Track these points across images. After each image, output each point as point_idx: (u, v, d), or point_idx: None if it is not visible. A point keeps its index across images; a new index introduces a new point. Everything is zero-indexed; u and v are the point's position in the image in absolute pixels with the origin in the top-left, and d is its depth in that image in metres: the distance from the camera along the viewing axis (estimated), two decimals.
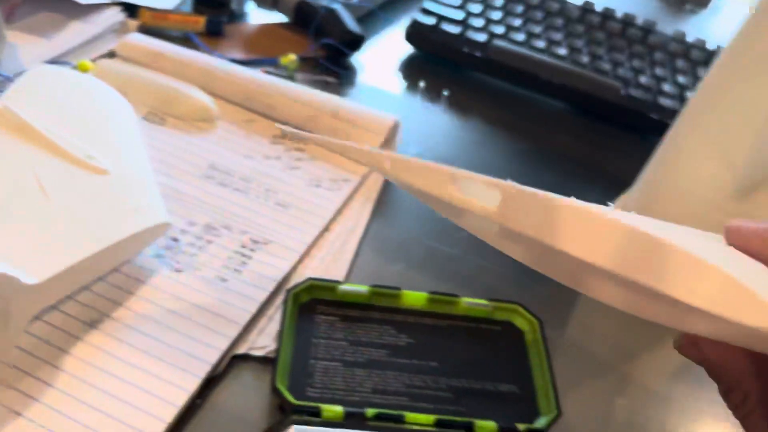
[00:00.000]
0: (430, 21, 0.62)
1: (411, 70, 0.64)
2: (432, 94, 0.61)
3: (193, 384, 0.34)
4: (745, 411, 0.24)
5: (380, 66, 0.63)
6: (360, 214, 0.46)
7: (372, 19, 0.68)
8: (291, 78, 0.57)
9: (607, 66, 0.60)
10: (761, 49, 0.37)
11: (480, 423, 0.34)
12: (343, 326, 0.38)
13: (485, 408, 0.36)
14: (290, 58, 0.58)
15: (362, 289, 0.39)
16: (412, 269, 0.43)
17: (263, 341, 0.37)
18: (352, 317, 0.39)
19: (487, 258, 0.45)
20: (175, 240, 0.41)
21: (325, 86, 0.57)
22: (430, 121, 0.58)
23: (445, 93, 0.61)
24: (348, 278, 0.42)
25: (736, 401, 0.24)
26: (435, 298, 0.40)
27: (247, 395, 0.35)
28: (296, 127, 0.50)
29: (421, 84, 0.62)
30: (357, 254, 0.43)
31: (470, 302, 0.40)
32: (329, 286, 0.39)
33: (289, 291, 0.38)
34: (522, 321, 0.40)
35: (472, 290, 0.42)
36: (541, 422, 0.35)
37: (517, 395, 0.37)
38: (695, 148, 0.41)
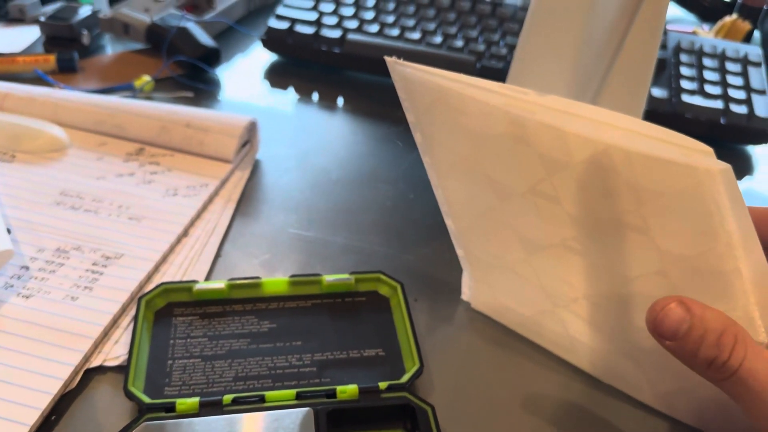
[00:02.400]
0: (284, 25, 0.63)
1: (277, 76, 0.64)
2: (301, 95, 0.61)
3: (44, 402, 0.33)
4: (739, 356, 0.27)
5: (246, 77, 0.63)
6: (221, 215, 0.45)
7: (232, 34, 0.69)
8: (149, 99, 0.56)
9: (460, 43, 0.62)
10: None
11: (341, 388, 0.34)
12: (202, 324, 0.38)
13: (350, 374, 0.36)
14: (144, 79, 0.57)
15: (219, 284, 0.39)
16: (277, 259, 0.43)
17: (118, 351, 0.36)
18: (212, 314, 0.38)
19: (351, 238, 0.45)
20: (25, 268, 0.40)
21: (187, 102, 0.57)
22: (301, 121, 0.58)
23: (315, 93, 0.62)
24: (210, 277, 0.41)
25: (729, 344, 0.27)
26: (296, 280, 0.40)
27: (104, 405, 0.34)
28: (149, 143, 0.50)
29: (290, 87, 0.62)
30: (219, 254, 0.43)
31: (333, 279, 0.40)
32: (185, 287, 0.39)
33: (140, 298, 0.38)
34: (385, 288, 0.41)
35: (338, 269, 0.42)
36: (404, 378, 0.35)
37: (382, 357, 0.37)
38: (537, 55, 0.42)
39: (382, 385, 0.34)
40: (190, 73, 0.61)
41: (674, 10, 0.81)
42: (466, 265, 0.41)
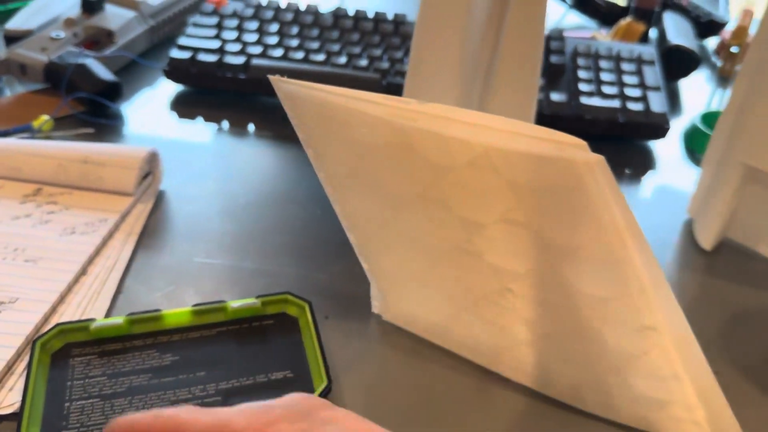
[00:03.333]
0: (187, 55, 0.62)
1: (184, 106, 0.63)
2: (211, 124, 0.61)
3: None
4: None
5: (151, 110, 0.62)
6: (122, 249, 0.44)
7: (136, 68, 0.67)
8: (48, 138, 0.55)
9: (364, 62, 0.62)
10: None
11: None
12: (101, 362, 0.36)
13: (255, 400, 0.35)
14: (42, 119, 0.56)
15: (118, 320, 0.38)
16: (182, 290, 0.42)
17: (13, 398, 0.34)
18: (111, 351, 0.37)
19: (260, 262, 0.45)
20: None
21: (88, 139, 0.56)
22: (210, 149, 0.57)
23: (225, 121, 0.61)
24: (110, 314, 0.40)
25: None
26: (200, 309, 0.39)
27: None
28: (47, 182, 0.48)
29: (199, 117, 0.62)
30: (120, 290, 0.42)
31: (239, 304, 0.39)
32: (82, 326, 0.37)
33: (35, 341, 0.36)
34: (293, 308, 0.40)
35: (246, 294, 0.42)
36: None
37: (290, 379, 0.36)
38: (426, 66, 0.42)
39: None
40: (92, 110, 0.59)
41: (575, 18, 0.83)
42: (372, 278, 0.40)
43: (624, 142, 0.60)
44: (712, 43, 0.80)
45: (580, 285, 0.32)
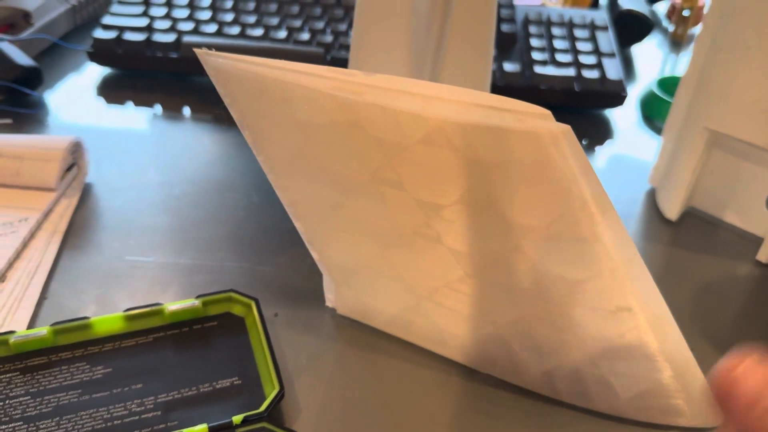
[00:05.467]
0: (112, 35, 0.57)
1: (112, 91, 0.58)
2: (142, 108, 0.56)
3: None
4: None
5: (77, 96, 0.57)
6: (45, 251, 0.40)
7: (58, 51, 0.62)
8: None
9: (306, 36, 0.58)
10: None
11: (188, 431, 0.30)
12: (23, 380, 0.32)
13: (200, 413, 0.31)
14: None
15: (41, 332, 0.34)
16: (113, 293, 0.38)
17: None
18: (35, 366, 0.33)
19: (199, 257, 0.41)
20: None
21: (7, 130, 0.51)
22: (141, 137, 0.53)
23: (157, 104, 0.56)
24: (34, 324, 0.36)
25: None
26: (133, 314, 0.35)
27: None
28: None
29: (129, 102, 0.57)
30: (45, 296, 0.38)
31: (177, 306, 0.36)
32: (0, 341, 0.33)
33: None
34: (239, 307, 0.37)
35: (185, 294, 0.38)
36: (262, 406, 0.31)
37: (239, 386, 0.33)
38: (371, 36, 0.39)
39: (237, 419, 0.30)
40: (9, 99, 0.54)
41: None
42: (324, 270, 0.37)
43: (580, 112, 0.58)
44: (662, 7, 0.78)
45: (547, 267, 0.29)
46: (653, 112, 0.58)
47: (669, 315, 0.30)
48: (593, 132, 0.57)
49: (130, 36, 0.57)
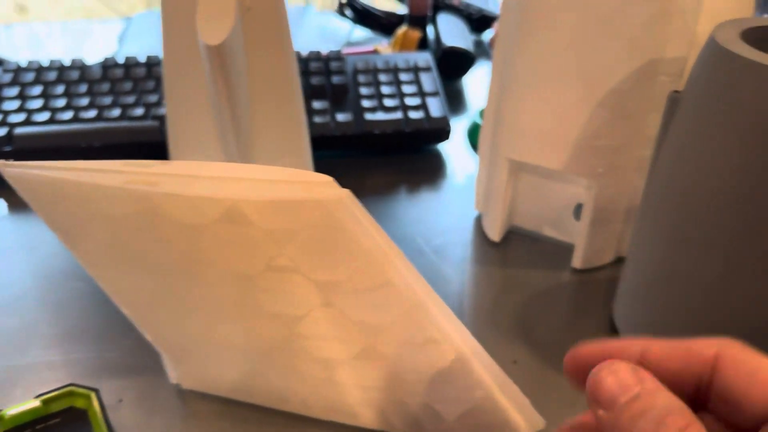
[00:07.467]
0: None
1: None
2: None
3: None
4: None
5: None
6: None
7: None
8: None
9: (140, 111, 0.59)
10: None
11: None
12: None
13: None
14: None
15: None
16: None
17: None
18: None
19: (41, 355, 0.41)
20: None
21: None
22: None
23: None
24: None
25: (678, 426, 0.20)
26: None
27: None
28: None
29: None
30: None
31: (16, 411, 0.36)
32: None
33: None
34: (81, 400, 0.37)
35: (29, 395, 0.38)
36: None
37: None
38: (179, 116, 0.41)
39: None
40: None
41: (359, 32, 0.85)
42: (160, 349, 0.38)
43: (415, 151, 0.62)
44: (488, 36, 0.84)
45: (358, 316, 0.32)
46: (476, 141, 0.63)
47: (470, 337, 0.33)
48: (427, 168, 0.61)
49: None
